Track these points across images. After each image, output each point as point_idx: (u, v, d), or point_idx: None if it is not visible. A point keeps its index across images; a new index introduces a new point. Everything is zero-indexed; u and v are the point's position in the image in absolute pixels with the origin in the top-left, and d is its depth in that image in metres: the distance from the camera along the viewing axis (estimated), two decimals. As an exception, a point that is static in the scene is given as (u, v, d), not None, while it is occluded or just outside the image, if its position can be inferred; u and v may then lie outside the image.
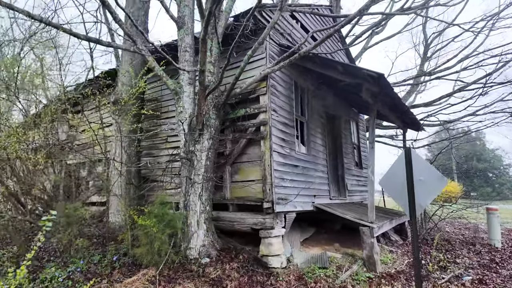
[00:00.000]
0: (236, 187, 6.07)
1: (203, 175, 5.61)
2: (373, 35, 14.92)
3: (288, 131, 6.28)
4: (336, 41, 10.04)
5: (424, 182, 4.12)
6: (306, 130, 7.30)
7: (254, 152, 5.91)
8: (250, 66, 6.25)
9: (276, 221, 5.46)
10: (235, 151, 6.09)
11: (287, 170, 6.01)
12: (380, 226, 6.30)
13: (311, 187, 6.90)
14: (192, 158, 5.61)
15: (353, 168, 9.70)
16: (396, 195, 4.41)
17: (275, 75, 6.11)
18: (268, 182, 5.52)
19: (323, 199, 7.40)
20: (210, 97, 5.81)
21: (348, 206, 8.06)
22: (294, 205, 6.10)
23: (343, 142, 9.33)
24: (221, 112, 6.03)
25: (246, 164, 6.04)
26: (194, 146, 5.69)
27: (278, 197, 5.54)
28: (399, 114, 7.71)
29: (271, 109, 5.81)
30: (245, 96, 6.17)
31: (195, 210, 5.50)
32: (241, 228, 5.77)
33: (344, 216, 6.39)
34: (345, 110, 9.86)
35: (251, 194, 5.81)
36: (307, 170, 6.85)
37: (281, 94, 6.23)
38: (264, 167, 5.63)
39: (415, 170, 4.21)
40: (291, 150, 6.28)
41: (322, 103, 8.26)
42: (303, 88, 7.41)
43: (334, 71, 6.14)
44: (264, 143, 5.72)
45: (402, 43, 35.41)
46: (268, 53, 6.05)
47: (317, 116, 7.86)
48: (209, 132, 5.73)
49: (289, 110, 6.46)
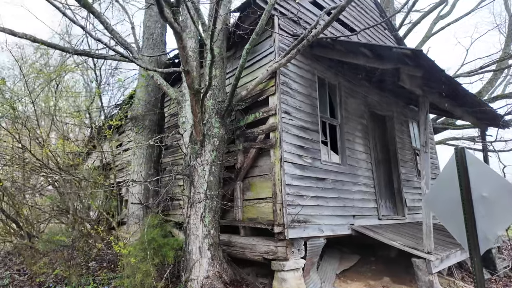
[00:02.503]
0: (249, 206, 5.13)
1: (206, 193, 4.82)
2: (438, 20, 12.57)
3: (308, 137, 5.14)
4: (382, 30, 8.49)
5: (490, 200, 2.65)
6: (339, 135, 6.01)
7: (266, 164, 4.93)
8: (259, 64, 5.40)
9: (291, 250, 4.33)
10: (245, 164, 5.20)
11: (307, 184, 4.85)
12: (444, 257, 4.62)
13: (348, 204, 5.54)
14: (193, 174, 4.89)
15: (414, 180, 7.84)
16: (447, 220, 2.99)
17: (287, 71, 5.10)
18: (278, 200, 4.46)
19: (367, 219, 5.91)
20: (212, 103, 5.09)
21: (405, 228, 6.36)
22: (320, 228, 4.86)
23: (398, 148, 7.62)
24: (227, 120, 5.24)
25: (258, 178, 5.08)
26: (196, 160, 4.97)
27: (292, 220, 4.41)
28: (467, 107, 5.85)
29: (281, 111, 4.80)
30: (254, 99, 5.29)
31: (196, 235, 4.71)
32: (253, 257, 4.77)
33: (391, 244, 4.88)
34: (400, 109, 8.13)
35: (264, 215, 4.80)
36: (341, 184, 5.53)
37: (297, 93, 5.17)
38: (274, 181, 4.60)
39: (474, 181, 2.77)
40: (313, 160, 5.11)
41: (364, 101, 6.84)
42: (333, 84, 6.18)
43: (362, 58, 4.86)
44: (274, 152, 4.71)
45: (480, 26, 29.90)
46: (278, 46, 5.09)
47: (356, 117, 6.48)
48: (212, 143, 4.97)
49: (310, 111, 5.33)
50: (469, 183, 2.78)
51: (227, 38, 5.67)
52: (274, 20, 5.20)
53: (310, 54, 5.58)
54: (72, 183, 4.94)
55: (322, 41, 5.06)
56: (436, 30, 12.66)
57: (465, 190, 2.78)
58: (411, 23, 12.12)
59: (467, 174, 2.80)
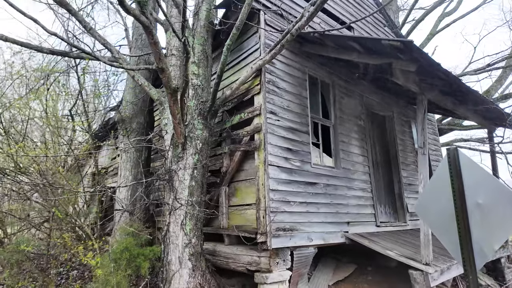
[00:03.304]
0: (234, 212, 4.83)
1: (187, 199, 4.53)
2: (443, 17, 12.10)
3: (297, 139, 4.82)
4: (382, 27, 8.13)
5: (486, 208, 2.30)
6: (333, 136, 5.67)
7: (252, 168, 4.63)
8: (245, 62, 5.12)
9: (275, 261, 4.00)
10: (230, 168, 4.90)
11: (294, 189, 4.52)
12: (444, 269, 4.22)
13: (341, 211, 5.18)
14: (173, 179, 4.62)
15: (417, 183, 7.40)
16: (440, 230, 2.65)
17: (274, 69, 4.81)
18: (261, 207, 4.14)
19: (363, 226, 5.54)
20: (194, 103, 4.82)
21: (405, 235, 5.96)
22: (309, 237, 4.52)
23: (399, 150, 7.22)
24: (212, 121, 4.96)
25: (243, 183, 4.78)
26: (177, 164, 4.70)
27: (277, 228, 4.09)
28: (470, 105, 5.45)
29: (267, 111, 4.49)
30: (240, 99, 5.01)
31: (176, 244, 4.42)
32: (236, 267, 4.46)
33: (386, 254, 4.51)
34: (401, 109, 7.73)
35: (249, 223, 4.49)
36: (333, 189, 5.18)
37: (285, 92, 4.86)
38: (257, 186, 4.29)
39: (469, 186, 2.43)
40: (303, 163, 4.78)
41: (361, 101, 6.48)
42: (327, 83, 5.85)
43: (353, 53, 4.53)
44: (258, 155, 4.40)
45: (488, 23, 28.95)
46: (264, 42, 4.80)
47: (353, 118, 6.13)
48: (194, 146, 4.69)
49: (300, 111, 5.01)
50: (463, 188, 2.44)
51: (213, 36, 5.41)
52: (260, 15, 4.92)
53: (300, 51, 5.28)
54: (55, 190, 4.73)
55: (310, 36, 4.75)
56: (441, 27, 12.20)
57: (459, 197, 2.44)
58: (414, 21, 11.68)
59: (460, 178, 2.46)
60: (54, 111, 6.50)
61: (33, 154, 4.64)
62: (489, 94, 9.94)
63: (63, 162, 6.15)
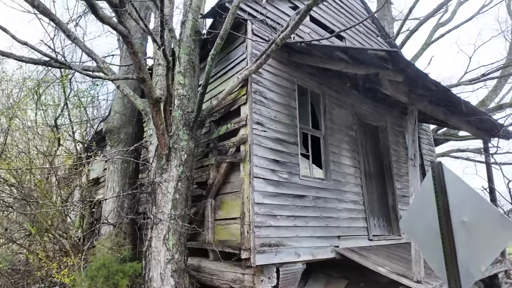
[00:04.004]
0: (220, 226, 4.67)
1: (170, 213, 4.38)
2: (438, 27, 12.13)
3: (285, 150, 4.70)
4: (374, 37, 8.11)
5: (471, 226, 2.17)
6: (323, 147, 5.55)
7: (238, 180, 4.49)
8: (232, 72, 5.05)
9: (259, 278, 3.82)
10: (216, 180, 4.77)
11: (281, 202, 4.37)
12: (437, 287, 4.04)
13: (332, 224, 5.02)
14: (156, 191, 4.47)
15: (411, 195, 7.24)
16: (426, 248, 2.52)
17: (262, 79, 4.72)
18: (246, 221, 3.99)
19: (355, 240, 5.37)
20: (179, 113, 4.72)
21: (398, 249, 5.78)
22: (297, 252, 4.35)
23: (393, 160, 7.09)
24: (198, 132, 4.85)
25: (229, 196, 4.64)
26: (161, 176, 4.56)
27: (262, 243, 3.93)
28: (462, 116, 5.34)
29: (253, 122, 4.38)
30: (227, 109, 4.91)
31: (158, 259, 4.25)
32: (220, 284, 4.28)
33: (377, 270, 4.33)
34: (394, 119, 7.63)
35: (234, 238, 4.33)
36: (323, 201, 5.03)
37: (272, 102, 4.76)
38: (242, 200, 4.14)
39: (454, 203, 2.30)
40: (291, 175, 4.64)
41: (352, 111, 6.38)
42: (317, 94, 5.76)
43: (341, 63, 4.45)
44: (244, 167, 4.27)
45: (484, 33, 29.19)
46: (251, 52, 4.73)
47: (344, 128, 6.02)
48: (179, 158, 4.56)
49: (288, 122, 4.90)
50: (448, 205, 2.31)
51: (201, 46, 5.35)
52: (247, 25, 4.86)
53: (288, 61, 5.20)
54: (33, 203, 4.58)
55: (297, 46, 4.68)
56: (436, 37, 12.23)
57: (444, 214, 2.31)
58: (409, 31, 11.72)
59: (445, 194, 2.33)
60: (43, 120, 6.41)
61: (10, 166, 4.50)
62: (485, 104, 9.88)
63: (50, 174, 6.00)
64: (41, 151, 5.68)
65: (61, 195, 5.13)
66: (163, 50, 3.44)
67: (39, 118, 6.43)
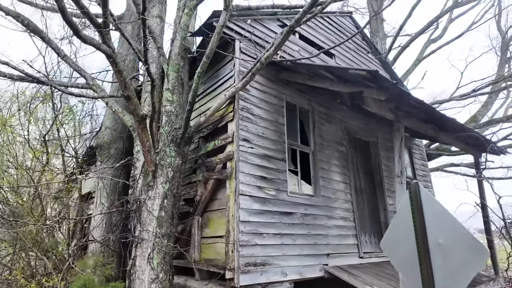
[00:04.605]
0: (206, 245, 4.60)
1: (155, 231, 4.32)
2: (429, 43, 12.36)
3: (273, 166, 4.68)
4: (365, 53, 8.23)
5: (447, 248, 2.14)
6: (312, 163, 5.54)
7: (225, 197, 4.45)
8: (221, 89, 5.10)
9: (243, 299, 3.74)
10: (203, 197, 4.73)
11: (268, 220, 4.32)
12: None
13: (321, 242, 4.96)
14: (141, 209, 4.42)
15: (404, 211, 7.19)
16: (405, 270, 2.48)
17: (249, 96, 4.76)
18: (231, 240, 3.93)
19: (345, 258, 5.29)
20: (167, 130, 4.72)
21: (389, 267, 5.68)
22: (284, 271, 4.28)
23: (384, 176, 7.07)
24: (185, 148, 4.83)
25: (216, 213, 4.59)
26: (147, 193, 4.52)
27: (247, 262, 3.86)
28: (450, 132, 5.37)
29: (240, 138, 4.39)
30: (215, 126, 4.93)
31: (142, 279, 4.15)
32: (205, 305, 4.18)
33: (365, 290, 4.25)
34: (385, 134, 7.66)
35: (219, 257, 4.26)
36: (312, 218, 4.98)
37: (260, 119, 4.78)
38: (228, 218, 4.10)
39: (430, 224, 2.29)
40: (278, 191, 4.62)
41: (342, 127, 6.41)
42: (306, 110, 5.80)
43: (326, 81, 4.50)
44: (229, 184, 4.25)
45: (475, 49, 29.80)
46: (238, 70, 4.78)
47: (333, 144, 6.03)
48: (165, 174, 4.53)
49: (276, 138, 4.91)
50: (424, 226, 2.29)
51: (190, 63, 5.41)
52: (235, 43, 4.94)
53: (277, 79, 5.26)
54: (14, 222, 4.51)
55: (284, 64, 4.74)
56: (427, 53, 12.44)
57: (420, 235, 2.29)
58: (400, 47, 11.93)
59: (422, 215, 2.32)
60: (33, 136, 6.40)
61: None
62: (476, 119, 9.95)
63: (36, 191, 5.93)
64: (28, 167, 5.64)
65: (45, 212, 5.06)
66: (147, 68, 3.47)
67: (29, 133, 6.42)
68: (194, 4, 5.14)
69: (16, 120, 5.86)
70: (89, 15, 3.02)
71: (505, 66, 10.41)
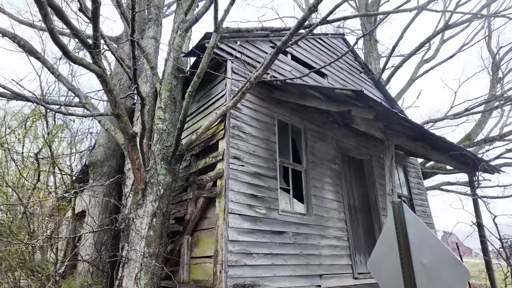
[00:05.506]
0: (195, 265, 4.51)
1: (143, 251, 4.25)
2: (422, 64, 12.63)
3: (264, 184, 4.67)
4: (357, 73, 8.39)
5: (431, 270, 2.11)
6: (304, 181, 5.52)
7: (215, 216, 4.40)
8: (213, 107, 5.16)
9: (231, 322, 3.62)
10: (193, 215, 4.68)
11: (258, 240, 4.26)
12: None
13: (313, 262, 4.86)
14: (129, 228, 4.37)
15: (399, 230, 7.09)
16: (391, 292, 2.41)
17: (241, 114, 4.81)
18: (219, 260, 3.86)
19: (338, 279, 5.17)
20: (158, 148, 4.74)
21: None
22: (274, 293, 4.17)
23: (378, 194, 7.03)
24: (176, 166, 4.83)
25: (205, 232, 4.53)
26: (136, 211, 4.48)
27: (235, 283, 3.77)
28: (442, 151, 5.39)
29: (230, 156, 4.39)
30: (206, 144, 4.95)
31: (128, 301, 4.05)
32: (192, 328, 4.04)
33: (358, 312, 4.12)
34: (379, 152, 7.67)
35: (208, 277, 4.16)
36: (304, 238, 4.91)
37: (251, 137, 4.81)
38: (217, 237, 4.04)
39: (414, 245, 2.26)
40: (269, 210, 4.57)
41: (335, 145, 6.44)
42: (298, 128, 5.84)
43: (315, 100, 4.57)
44: (219, 202, 4.21)
45: (467, 69, 30.54)
46: (230, 89, 4.86)
47: (326, 162, 6.03)
48: (155, 193, 4.51)
49: (267, 156, 4.92)
50: (409, 247, 2.26)
51: (183, 83, 5.50)
52: (227, 63, 5.05)
53: (268, 97, 5.33)
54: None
55: (274, 84, 4.83)
56: (421, 73, 12.68)
57: (405, 255, 2.26)
58: (394, 67, 12.17)
59: (406, 236, 2.30)
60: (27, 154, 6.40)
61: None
62: (470, 138, 10.01)
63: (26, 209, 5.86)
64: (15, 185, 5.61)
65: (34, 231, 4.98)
66: (136, 87, 3.53)
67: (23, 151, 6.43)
68: (187, 26, 5.29)
69: (9, 138, 5.88)
70: (80, 37, 3.10)
71: (496, 86, 10.60)
